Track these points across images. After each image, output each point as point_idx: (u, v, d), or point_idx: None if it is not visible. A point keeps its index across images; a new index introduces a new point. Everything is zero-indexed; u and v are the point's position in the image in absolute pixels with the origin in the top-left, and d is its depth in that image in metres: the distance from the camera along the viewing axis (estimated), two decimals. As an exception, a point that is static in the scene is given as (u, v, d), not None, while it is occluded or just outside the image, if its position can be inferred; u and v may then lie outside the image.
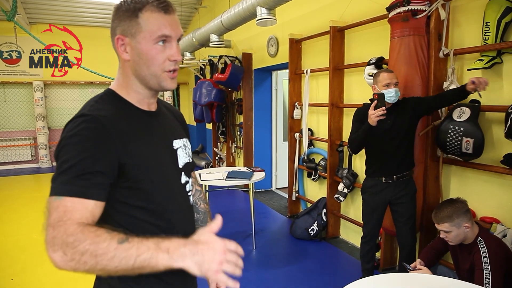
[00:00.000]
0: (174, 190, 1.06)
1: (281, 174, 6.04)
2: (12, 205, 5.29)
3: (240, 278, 0.80)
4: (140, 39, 0.93)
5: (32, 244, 3.81)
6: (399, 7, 2.63)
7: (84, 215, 0.82)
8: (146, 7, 0.93)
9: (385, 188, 2.57)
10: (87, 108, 0.93)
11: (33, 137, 8.23)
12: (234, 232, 4.18)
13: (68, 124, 0.91)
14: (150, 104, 1.04)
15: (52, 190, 0.83)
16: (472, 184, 2.56)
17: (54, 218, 0.80)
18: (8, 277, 3.10)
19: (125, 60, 0.98)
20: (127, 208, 0.94)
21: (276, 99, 5.99)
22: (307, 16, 4.28)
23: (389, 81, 2.40)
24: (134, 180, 0.93)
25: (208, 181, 3.61)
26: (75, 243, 0.76)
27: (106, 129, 0.89)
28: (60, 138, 0.89)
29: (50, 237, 0.78)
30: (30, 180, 7.12)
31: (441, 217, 2.02)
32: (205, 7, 7.43)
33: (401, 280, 1.58)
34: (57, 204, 0.81)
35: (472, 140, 2.28)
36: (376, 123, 2.33)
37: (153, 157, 0.98)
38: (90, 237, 0.77)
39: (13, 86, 8.05)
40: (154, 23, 0.93)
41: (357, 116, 2.63)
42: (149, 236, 0.82)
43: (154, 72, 0.96)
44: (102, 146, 0.87)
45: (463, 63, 2.54)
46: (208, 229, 0.90)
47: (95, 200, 0.85)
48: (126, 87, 1.00)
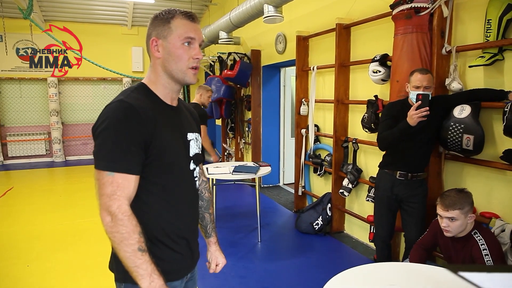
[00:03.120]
0: (185, 173, 1.25)
1: (288, 169, 6.10)
2: (27, 197, 5.48)
3: (245, 269, 0.91)
4: (171, 39, 1.15)
5: (46, 233, 3.97)
6: (402, 4, 2.67)
7: (131, 189, 1.08)
8: (176, 15, 1.17)
9: (398, 184, 2.55)
10: (124, 95, 1.13)
11: (47, 132, 8.44)
12: (240, 225, 4.27)
13: (108, 107, 1.10)
14: (173, 99, 1.25)
15: (101, 165, 1.06)
16: (473, 180, 2.59)
17: (110, 191, 1.05)
18: (24, 264, 3.25)
19: (156, 57, 1.18)
20: (146, 182, 1.14)
21: (284, 95, 6.05)
22: (314, 13, 4.33)
23: (420, 84, 2.34)
24: (157, 157, 1.13)
25: (215, 175, 3.70)
26: (120, 222, 1.04)
27: (140, 115, 1.08)
28: (102, 118, 1.08)
29: (106, 205, 1.05)
30: (44, 173, 7.33)
31: (453, 203, 1.97)
32: (215, 4, 7.51)
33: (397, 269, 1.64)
34: (111, 180, 1.05)
35: (472, 136, 2.31)
36: (416, 124, 2.29)
37: (172, 142, 1.19)
38: (130, 228, 1.04)
39: (28, 82, 8.28)
40: (182, 28, 1.16)
41: (388, 111, 2.56)
42: (161, 244, 1.17)
43: (181, 67, 1.17)
44: (138, 128, 1.07)
45: (465, 60, 2.57)
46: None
47: (136, 175, 1.09)
48: (155, 81, 1.20)
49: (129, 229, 1.04)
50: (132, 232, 1.04)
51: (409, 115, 2.30)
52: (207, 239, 1.49)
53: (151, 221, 1.15)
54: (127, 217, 1.04)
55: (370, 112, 3.28)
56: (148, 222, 1.14)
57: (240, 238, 3.87)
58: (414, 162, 2.52)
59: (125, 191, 1.06)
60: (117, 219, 1.03)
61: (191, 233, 1.29)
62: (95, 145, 1.08)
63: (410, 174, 2.52)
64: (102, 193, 1.05)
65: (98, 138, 1.07)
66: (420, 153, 2.51)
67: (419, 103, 2.28)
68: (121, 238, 1.03)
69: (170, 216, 1.20)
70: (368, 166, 3.60)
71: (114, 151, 1.05)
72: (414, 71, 2.42)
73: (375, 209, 2.77)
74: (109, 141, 1.05)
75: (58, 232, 4.02)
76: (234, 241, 3.80)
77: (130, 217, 1.05)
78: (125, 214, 1.04)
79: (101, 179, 1.05)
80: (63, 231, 4.03)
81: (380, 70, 3.10)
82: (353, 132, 3.79)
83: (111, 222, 1.04)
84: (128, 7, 7.96)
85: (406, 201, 2.57)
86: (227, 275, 3.02)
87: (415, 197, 2.56)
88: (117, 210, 1.03)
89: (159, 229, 1.18)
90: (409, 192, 2.55)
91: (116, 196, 1.04)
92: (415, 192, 2.55)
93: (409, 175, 2.52)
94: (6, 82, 8.10)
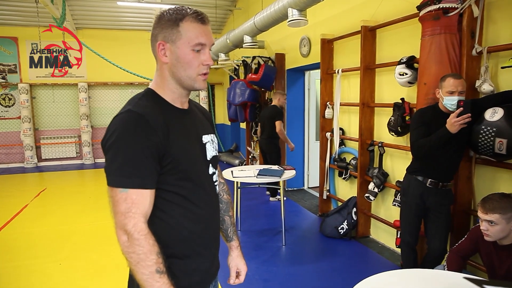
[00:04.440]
0: (203, 179, 1.18)
1: (313, 173, 6.06)
2: (59, 198, 5.70)
3: (269, 272, 0.87)
4: (180, 45, 1.07)
5: (76, 233, 4.12)
6: (430, 5, 2.61)
7: (146, 205, 1.02)
8: (186, 17, 1.07)
9: (428, 192, 2.49)
10: (132, 105, 1.06)
11: (77, 135, 8.76)
12: (265, 228, 4.27)
13: (116, 119, 1.04)
14: (183, 102, 1.17)
15: (114, 182, 1.00)
16: (506, 185, 2.50)
17: (124, 208, 0.99)
18: (57, 262, 3.38)
19: (163, 62, 1.11)
20: (163, 193, 1.08)
21: (309, 99, 6.02)
22: (339, 16, 4.30)
23: (454, 89, 2.28)
24: (173, 165, 1.06)
25: (240, 178, 3.73)
26: (136, 241, 0.98)
27: (150, 123, 1.01)
28: (111, 131, 1.02)
29: (121, 223, 0.99)
30: (74, 175, 7.60)
31: (493, 207, 1.90)
32: (239, 9, 7.59)
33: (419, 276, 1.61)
34: (125, 197, 0.99)
35: (505, 140, 2.22)
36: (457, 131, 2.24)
37: (187, 148, 1.11)
38: (147, 249, 0.98)
39: (60, 88, 8.63)
40: (192, 32, 1.07)
41: (421, 118, 2.47)
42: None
43: (190, 74, 1.09)
44: (149, 138, 1.01)
45: (497, 61, 2.49)
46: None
47: (151, 189, 1.03)
48: (163, 87, 1.13)
49: (146, 249, 0.97)
50: (149, 253, 0.98)
51: (450, 122, 2.23)
52: (229, 243, 1.42)
53: (173, 233, 1.10)
54: (144, 236, 0.98)
55: (397, 115, 3.22)
56: (169, 235, 1.09)
57: (264, 242, 3.87)
58: (444, 169, 2.46)
59: (140, 208, 0.99)
60: (133, 238, 0.97)
61: (214, 241, 1.24)
62: (106, 160, 1.02)
63: (440, 184, 2.47)
64: (116, 211, 0.99)
65: (108, 152, 1.01)
66: (451, 160, 2.45)
67: (460, 109, 2.21)
68: (137, 259, 0.97)
69: (193, 226, 1.14)
70: (395, 170, 3.53)
71: (126, 166, 0.99)
72: (446, 76, 2.35)
73: (401, 214, 2.71)
74: (119, 155, 0.99)
75: (88, 233, 4.16)
76: (258, 244, 3.80)
77: (147, 236, 0.99)
78: (141, 233, 0.98)
79: (114, 197, 0.99)
80: (92, 232, 4.16)
81: (407, 73, 3.04)
82: (379, 135, 3.73)
83: (127, 242, 0.98)
84: (154, 13, 8.17)
85: (434, 210, 2.52)
86: (250, 278, 3.03)
87: (442, 206, 2.51)
88: (133, 228, 0.97)
89: (182, 242, 1.12)
90: (438, 201, 2.50)
91: (131, 214, 0.98)
92: (443, 201, 2.50)
93: (439, 184, 2.47)
94: (40, 88, 8.47)
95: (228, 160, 8.29)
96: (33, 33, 7.58)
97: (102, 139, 1.04)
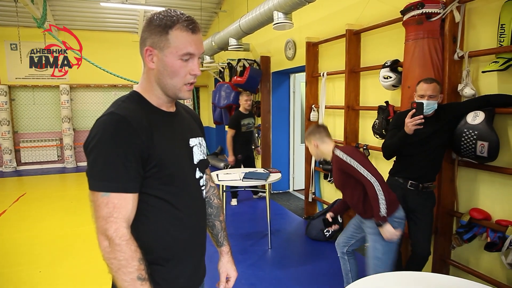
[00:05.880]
0: (189, 183, 1.16)
1: (298, 176, 6.08)
2: (39, 202, 5.54)
3: (255, 276, 0.85)
4: (167, 53, 1.04)
5: (57, 239, 4.00)
6: (413, 10, 2.66)
7: (129, 209, 0.99)
8: (176, 25, 1.03)
9: (409, 194, 2.52)
10: (115, 107, 1.04)
11: (59, 138, 8.56)
12: (250, 232, 4.25)
13: (98, 121, 1.01)
14: (168, 107, 1.15)
15: (95, 186, 0.97)
16: (487, 187, 2.55)
17: (106, 213, 0.96)
18: (37, 269, 3.27)
19: (150, 68, 1.08)
20: (147, 197, 1.05)
21: (294, 101, 6.04)
22: (324, 19, 4.33)
23: (424, 93, 2.33)
24: (157, 168, 1.04)
25: (225, 182, 3.70)
26: (117, 247, 0.95)
27: (133, 126, 0.99)
28: (93, 134, 0.99)
29: (102, 228, 0.96)
30: (55, 179, 7.41)
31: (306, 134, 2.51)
32: (225, 11, 7.57)
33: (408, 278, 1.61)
34: (106, 201, 0.96)
35: (487, 143, 2.27)
36: (413, 132, 2.31)
37: (173, 151, 1.09)
38: (129, 255, 0.96)
39: (41, 90, 8.42)
40: (181, 41, 1.03)
41: (395, 121, 2.56)
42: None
43: (175, 84, 1.07)
44: (132, 141, 0.98)
45: (478, 65, 2.54)
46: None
47: (134, 193, 1.00)
48: (149, 91, 1.11)
49: (127, 255, 0.95)
50: (130, 259, 0.95)
51: (405, 124, 2.32)
52: (219, 248, 1.40)
53: (156, 239, 1.08)
54: (126, 242, 0.95)
55: (381, 118, 3.25)
56: (152, 241, 1.07)
57: (250, 245, 3.85)
58: (423, 170, 2.49)
59: (122, 212, 0.97)
60: (114, 244, 0.94)
61: (199, 248, 1.22)
62: (87, 163, 0.99)
63: (421, 185, 2.50)
64: (97, 215, 0.96)
65: (89, 155, 0.98)
66: (430, 161, 2.48)
67: (413, 111, 2.30)
68: (118, 265, 0.94)
69: (177, 231, 1.11)
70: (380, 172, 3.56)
71: (108, 169, 0.96)
72: (420, 81, 2.41)
73: None
74: (101, 158, 0.96)
75: (70, 238, 4.05)
76: (244, 248, 3.78)
77: (129, 242, 0.96)
78: (123, 238, 0.95)
79: (95, 201, 0.96)
80: (74, 238, 4.06)
81: (391, 76, 3.08)
82: (364, 138, 3.76)
83: (108, 248, 0.95)
84: (138, 15, 8.08)
85: (416, 212, 2.54)
86: (237, 283, 2.98)
87: (425, 208, 2.53)
88: (114, 234, 0.95)
89: (165, 248, 1.09)
90: (420, 203, 2.53)
91: (113, 219, 0.95)
92: (425, 203, 2.53)
93: (420, 185, 2.50)
94: (20, 90, 8.25)
95: (213, 163, 8.24)
96: (12, 33, 7.38)
97: (84, 142, 1.02)
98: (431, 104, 2.34)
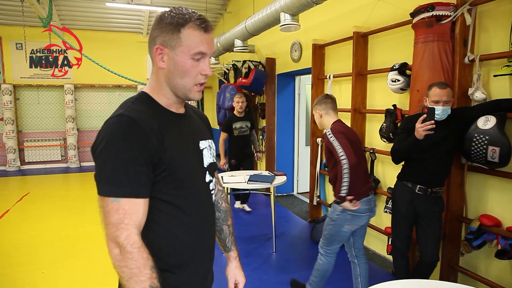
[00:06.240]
0: (200, 187, 1.12)
1: (302, 178, 6.04)
2: (43, 202, 5.53)
3: (260, 280, 0.83)
4: (179, 52, 1.01)
5: (60, 239, 3.98)
6: (423, 12, 2.62)
7: (140, 215, 0.95)
8: (189, 24, 1.00)
9: (418, 199, 2.47)
10: (124, 109, 1.00)
11: (63, 138, 8.57)
12: (255, 235, 4.21)
13: (107, 123, 0.98)
14: (178, 108, 1.12)
15: (104, 191, 0.93)
16: (497, 193, 2.50)
17: (116, 219, 0.92)
18: (39, 270, 3.25)
19: (160, 67, 1.04)
20: (157, 202, 1.02)
21: (299, 103, 6.01)
22: (331, 21, 4.30)
23: (439, 98, 2.27)
24: (168, 172, 1.00)
25: (230, 184, 3.67)
26: (129, 255, 0.91)
27: (143, 128, 0.95)
28: (101, 136, 0.96)
29: (113, 235, 0.92)
30: (59, 179, 7.41)
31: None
32: (230, 12, 7.56)
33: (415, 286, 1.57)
34: (117, 207, 0.92)
35: (498, 148, 2.23)
36: (423, 137, 2.27)
37: (183, 155, 1.05)
38: (140, 263, 0.92)
39: (46, 89, 8.43)
40: (193, 40, 1.00)
41: (404, 125, 2.52)
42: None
43: (186, 84, 1.04)
44: (142, 144, 0.94)
45: (490, 69, 2.50)
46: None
47: (144, 198, 0.97)
48: (158, 91, 1.07)
49: (139, 263, 0.91)
50: (143, 267, 0.91)
51: (416, 129, 2.29)
52: (227, 253, 1.37)
53: (165, 245, 1.04)
54: (137, 249, 0.92)
55: (389, 121, 3.21)
56: (162, 247, 1.03)
57: (254, 248, 3.81)
58: (432, 175, 2.45)
59: (133, 218, 0.93)
60: (125, 251, 0.91)
61: (208, 254, 1.18)
62: (96, 167, 0.95)
63: (429, 190, 2.46)
64: (107, 222, 0.93)
65: (98, 159, 0.94)
66: (439, 166, 2.44)
67: (424, 116, 2.26)
68: (130, 274, 0.91)
69: (186, 237, 1.07)
70: (386, 177, 3.52)
71: (117, 174, 0.92)
72: (432, 85, 2.35)
73: (392, 221, 2.69)
74: (110, 162, 0.92)
75: (73, 238, 4.03)
76: (248, 251, 3.74)
77: (141, 249, 0.93)
78: (134, 245, 0.92)
79: (105, 207, 0.93)
80: (77, 238, 4.04)
81: (399, 79, 3.04)
82: (370, 141, 3.72)
83: (119, 255, 0.91)
84: (143, 15, 8.07)
85: (424, 217, 2.50)
86: (241, 286, 2.96)
87: (433, 213, 2.49)
88: (126, 241, 0.91)
89: (175, 254, 1.06)
90: (428, 208, 2.48)
91: (124, 225, 0.92)
92: (433, 208, 2.49)
93: (428, 190, 2.46)
94: (24, 89, 8.26)
95: (217, 165, 8.22)
96: (18, 32, 7.39)
97: (92, 144, 0.98)
98: (446, 109, 2.29)
